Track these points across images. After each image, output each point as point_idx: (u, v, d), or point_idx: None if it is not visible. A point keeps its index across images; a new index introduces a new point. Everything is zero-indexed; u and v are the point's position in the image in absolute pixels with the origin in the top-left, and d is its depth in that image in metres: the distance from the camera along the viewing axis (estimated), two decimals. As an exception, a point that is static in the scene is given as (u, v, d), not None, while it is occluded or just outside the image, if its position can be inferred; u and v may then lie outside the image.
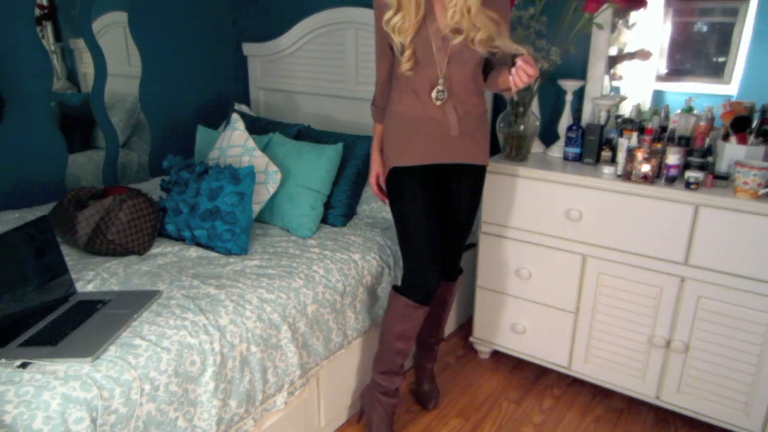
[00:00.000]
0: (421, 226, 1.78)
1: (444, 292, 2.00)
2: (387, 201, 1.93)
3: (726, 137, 1.92)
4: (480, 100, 1.83)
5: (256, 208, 2.14)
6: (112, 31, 2.78)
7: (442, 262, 1.86)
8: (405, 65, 1.70)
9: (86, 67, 2.71)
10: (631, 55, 2.30)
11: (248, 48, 3.18)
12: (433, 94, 1.73)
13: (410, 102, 1.78)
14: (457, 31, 1.63)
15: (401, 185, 1.81)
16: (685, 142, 2.00)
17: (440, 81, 1.71)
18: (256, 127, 2.57)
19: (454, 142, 1.80)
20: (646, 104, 2.27)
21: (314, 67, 2.97)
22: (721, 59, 2.14)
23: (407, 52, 1.68)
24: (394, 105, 1.83)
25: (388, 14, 1.67)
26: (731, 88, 2.10)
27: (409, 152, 1.80)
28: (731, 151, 1.88)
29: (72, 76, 2.80)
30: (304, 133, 2.54)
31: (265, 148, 2.32)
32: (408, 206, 1.80)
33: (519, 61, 1.52)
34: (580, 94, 2.30)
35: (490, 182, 2.19)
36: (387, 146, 1.87)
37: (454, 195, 1.88)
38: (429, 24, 1.66)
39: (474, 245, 2.58)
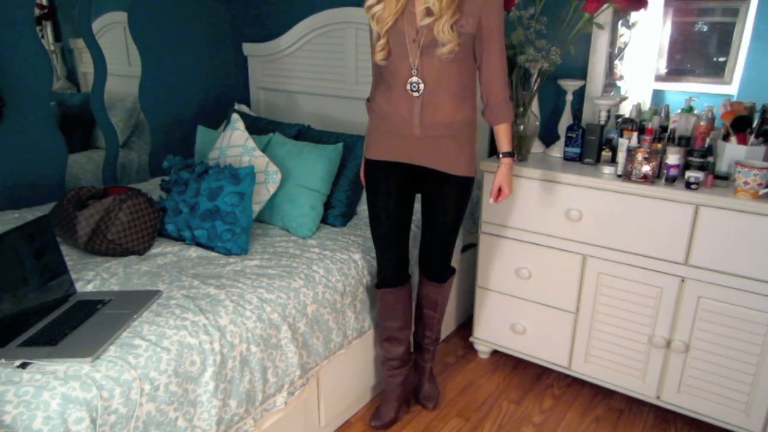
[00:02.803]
0: (381, 214, 1.88)
1: (431, 292, 2.01)
2: None
3: (726, 137, 1.92)
4: (459, 104, 1.74)
5: (256, 208, 2.14)
6: (112, 31, 2.77)
7: (402, 254, 1.94)
8: (378, 54, 1.72)
9: (86, 67, 2.71)
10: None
11: (248, 48, 3.18)
12: (408, 87, 1.73)
13: (384, 97, 1.80)
14: (429, 13, 1.63)
15: (370, 176, 1.90)
16: (686, 142, 1.99)
17: (413, 72, 1.70)
18: (256, 127, 2.57)
19: (418, 144, 1.79)
20: (646, 104, 2.27)
21: (314, 67, 2.97)
22: (722, 59, 2.14)
23: (381, 41, 1.71)
24: (374, 100, 1.87)
25: (370, 1, 1.69)
26: (731, 87, 2.10)
27: (376, 146, 1.85)
28: (731, 151, 1.88)
29: (72, 76, 2.80)
30: (304, 133, 2.54)
31: (265, 148, 2.31)
32: (371, 195, 1.90)
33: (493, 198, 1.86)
34: (580, 94, 2.31)
35: (491, 182, 2.19)
36: (365, 139, 1.94)
37: (427, 199, 1.89)
38: (406, 15, 1.67)
39: (474, 245, 2.58)
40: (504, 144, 1.82)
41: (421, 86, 1.71)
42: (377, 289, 1.97)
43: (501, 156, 1.83)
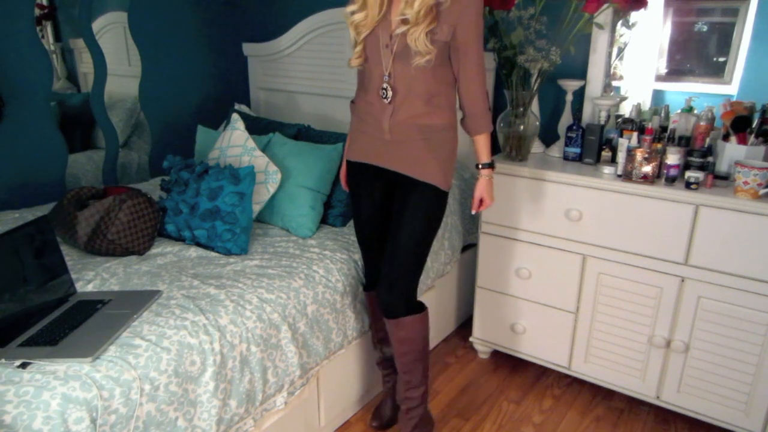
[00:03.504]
0: (362, 218, 1.87)
1: (388, 327, 1.82)
2: None
3: (726, 137, 1.92)
4: (432, 111, 1.69)
5: (256, 208, 2.14)
6: (112, 31, 2.78)
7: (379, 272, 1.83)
8: (354, 61, 1.73)
9: (86, 67, 2.71)
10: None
11: (248, 48, 3.18)
12: (381, 92, 1.71)
13: (362, 99, 1.80)
14: (404, 21, 1.61)
15: (352, 179, 1.89)
16: (686, 142, 2.00)
17: (385, 78, 1.68)
18: (256, 127, 2.57)
19: (388, 148, 1.75)
20: (646, 104, 2.27)
21: (314, 67, 2.97)
22: (721, 59, 2.14)
23: (358, 48, 1.71)
24: (356, 101, 1.87)
25: (352, 8, 1.68)
26: (731, 87, 2.11)
27: (353, 148, 1.86)
28: (731, 151, 1.88)
29: (72, 76, 2.80)
30: (303, 133, 2.54)
31: (265, 148, 2.31)
32: (353, 198, 1.90)
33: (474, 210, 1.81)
34: (580, 94, 2.31)
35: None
36: (347, 140, 1.95)
37: (394, 207, 1.80)
38: (383, 21, 1.66)
39: (474, 245, 2.58)
40: (482, 155, 1.75)
41: (390, 93, 1.68)
42: (364, 291, 1.97)
43: (480, 167, 1.76)
